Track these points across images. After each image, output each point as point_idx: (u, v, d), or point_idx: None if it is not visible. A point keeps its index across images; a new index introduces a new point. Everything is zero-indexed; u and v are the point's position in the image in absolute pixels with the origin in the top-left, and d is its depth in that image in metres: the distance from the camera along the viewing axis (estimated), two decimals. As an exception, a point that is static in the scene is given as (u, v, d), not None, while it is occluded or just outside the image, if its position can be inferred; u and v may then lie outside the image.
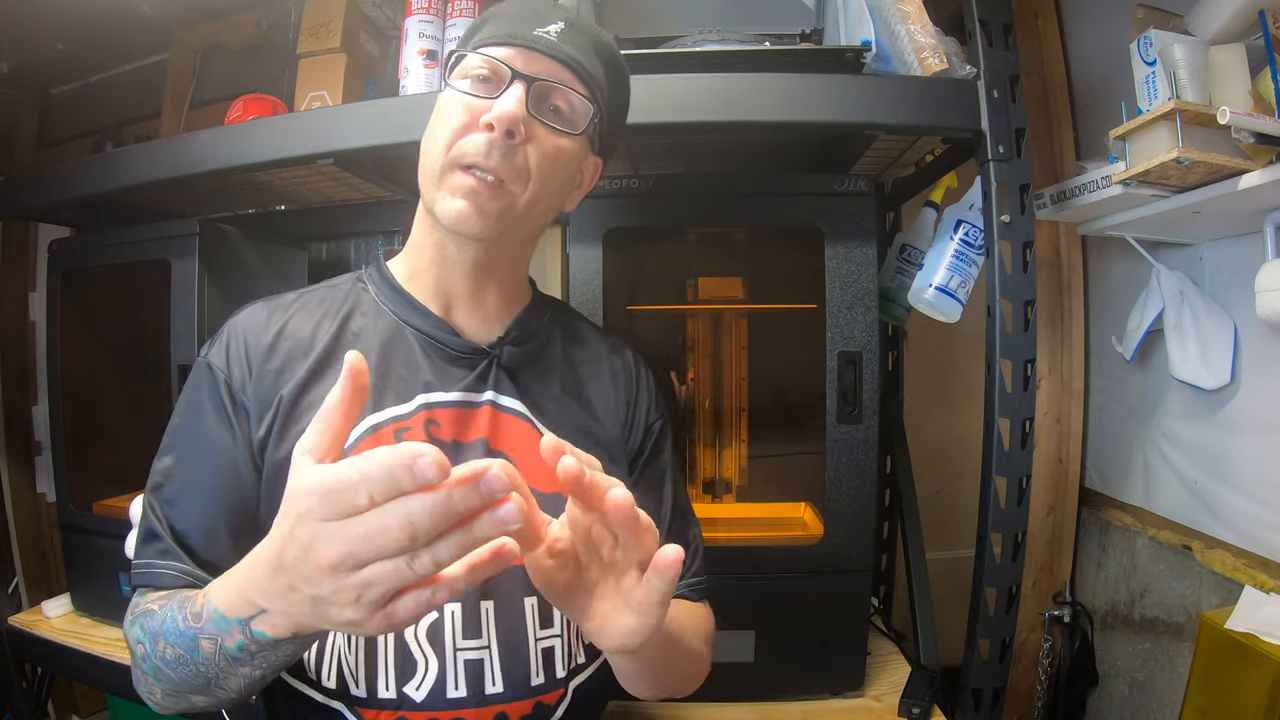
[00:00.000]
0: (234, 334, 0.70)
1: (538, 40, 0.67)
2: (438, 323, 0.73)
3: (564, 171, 0.71)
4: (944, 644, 1.19)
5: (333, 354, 0.70)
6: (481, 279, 0.74)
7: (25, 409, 1.92)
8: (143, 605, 0.62)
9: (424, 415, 0.69)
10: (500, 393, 0.73)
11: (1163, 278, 1.23)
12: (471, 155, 0.65)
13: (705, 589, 0.82)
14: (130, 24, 1.65)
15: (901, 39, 1.02)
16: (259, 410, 0.67)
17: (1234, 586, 1.14)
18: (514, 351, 0.75)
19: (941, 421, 1.65)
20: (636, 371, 0.85)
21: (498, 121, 0.64)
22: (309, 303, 0.74)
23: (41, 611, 1.41)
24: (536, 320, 0.80)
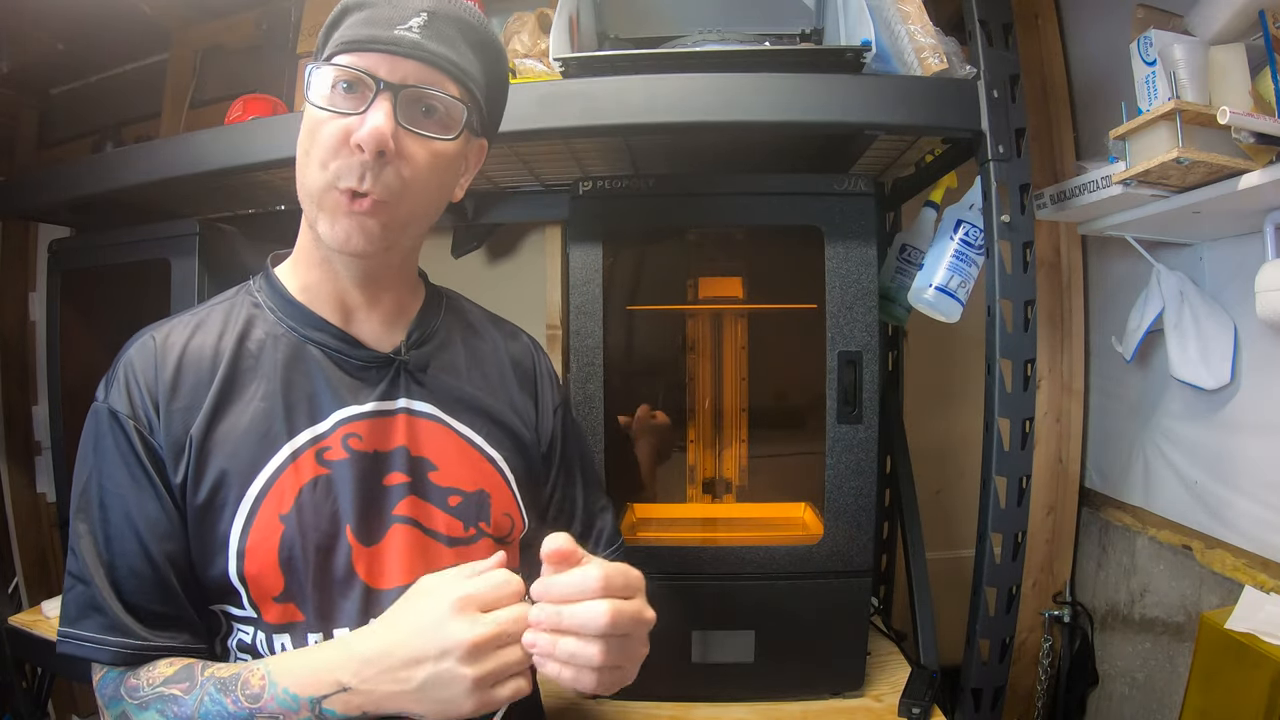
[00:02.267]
0: (131, 374, 0.66)
1: (399, 42, 0.63)
2: (339, 334, 0.71)
3: (444, 174, 0.69)
4: (944, 644, 1.19)
5: (233, 380, 0.67)
6: (375, 287, 0.73)
7: (25, 409, 1.92)
8: (148, 690, 0.61)
9: (342, 431, 0.68)
10: (412, 398, 0.73)
11: (1163, 278, 1.23)
12: (346, 180, 0.63)
13: (621, 553, 0.86)
14: (130, 24, 1.65)
15: (901, 39, 1.02)
16: (173, 454, 0.64)
17: (1234, 586, 1.14)
18: (420, 354, 0.75)
19: (941, 421, 1.65)
20: (536, 357, 0.86)
21: (366, 143, 0.61)
22: (202, 324, 0.70)
23: (41, 611, 1.41)
24: (434, 317, 0.79)
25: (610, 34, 1.26)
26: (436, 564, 0.67)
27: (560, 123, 1.00)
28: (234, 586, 0.64)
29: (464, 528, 0.72)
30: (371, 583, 0.67)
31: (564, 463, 0.85)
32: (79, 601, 0.63)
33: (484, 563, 0.61)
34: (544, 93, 1.01)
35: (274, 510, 0.65)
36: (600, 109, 1.00)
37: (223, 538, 0.64)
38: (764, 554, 1.08)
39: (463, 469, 0.73)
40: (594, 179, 1.08)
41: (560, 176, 1.44)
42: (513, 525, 0.76)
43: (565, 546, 0.57)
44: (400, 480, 0.69)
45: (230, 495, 0.64)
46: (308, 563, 0.64)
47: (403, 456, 0.70)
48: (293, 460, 0.66)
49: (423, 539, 0.69)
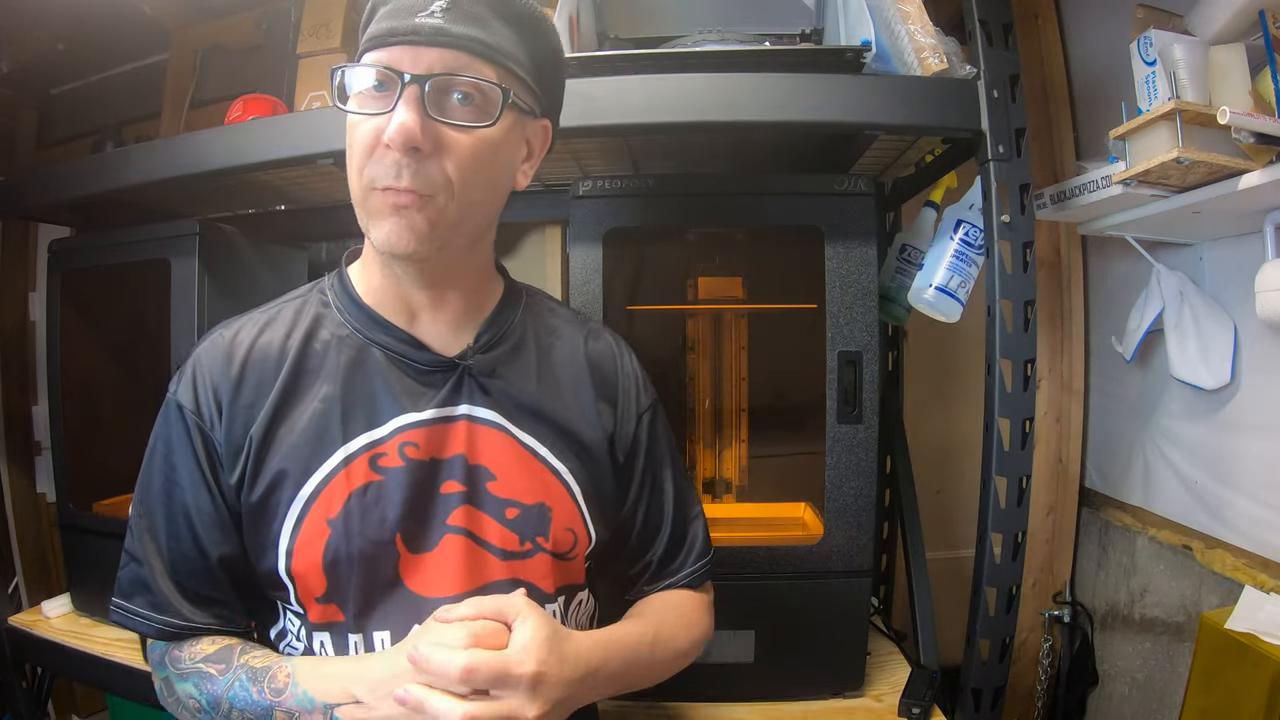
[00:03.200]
0: (199, 370, 0.68)
1: (420, 30, 0.59)
2: (404, 337, 0.70)
3: (494, 162, 0.65)
4: (944, 644, 1.19)
5: (296, 380, 0.68)
6: (439, 288, 0.70)
7: (25, 409, 1.92)
8: (188, 663, 0.65)
9: (400, 438, 0.67)
10: (475, 404, 0.70)
11: (1163, 278, 1.23)
12: (382, 179, 0.61)
13: (704, 574, 0.82)
14: (130, 24, 1.65)
15: (901, 39, 1.02)
16: (231, 454, 0.66)
17: (1234, 586, 1.14)
18: (485, 359, 0.72)
19: (941, 421, 1.65)
20: (619, 357, 0.80)
21: (394, 141, 0.59)
22: (271, 322, 0.70)
23: (41, 611, 1.41)
24: (508, 319, 0.75)
25: (610, 34, 1.26)
26: (487, 576, 0.67)
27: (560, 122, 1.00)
28: (283, 582, 0.66)
29: (519, 541, 0.69)
30: (418, 591, 0.66)
31: (649, 470, 0.79)
32: (130, 578, 0.67)
33: (504, 600, 0.61)
34: (544, 93, 1.01)
35: (322, 514, 0.65)
36: (600, 109, 1.00)
37: (273, 537, 0.65)
38: (764, 554, 1.08)
39: (523, 480, 0.70)
40: (594, 179, 1.08)
41: (560, 176, 1.44)
42: (575, 541, 0.72)
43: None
44: (456, 489, 0.68)
45: (283, 496, 0.65)
46: (352, 567, 0.64)
47: (460, 465, 0.68)
48: (345, 465, 0.66)
49: (475, 550, 0.67)
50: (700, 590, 0.82)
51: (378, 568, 0.65)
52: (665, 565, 0.80)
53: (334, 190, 1.49)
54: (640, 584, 0.81)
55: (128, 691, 1.24)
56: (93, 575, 1.36)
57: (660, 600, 0.79)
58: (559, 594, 0.72)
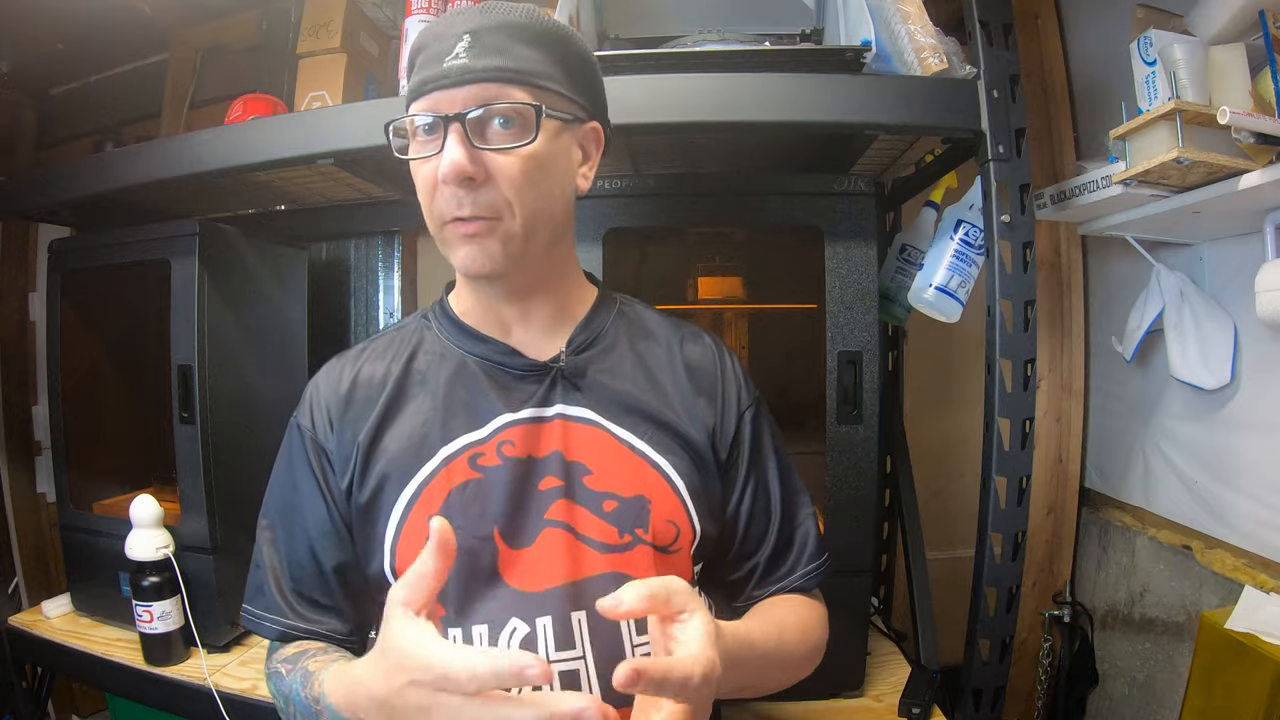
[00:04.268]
0: (315, 393, 0.75)
1: (449, 74, 0.64)
2: (498, 346, 0.74)
3: (548, 173, 0.68)
4: (944, 644, 1.19)
5: (400, 395, 0.73)
6: (525, 299, 0.74)
7: (25, 409, 1.92)
8: (274, 664, 0.71)
9: (498, 438, 0.70)
10: (568, 404, 0.72)
11: (1163, 278, 1.23)
12: (448, 212, 0.66)
13: (818, 576, 0.80)
14: (130, 24, 1.65)
15: (901, 39, 1.02)
16: (342, 462, 0.72)
17: (1234, 586, 1.14)
18: (577, 361, 0.74)
19: (941, 421, 1.65)
20: (719, 359, 0.81)
21: (446, 179, 0.64)
22: (378, 349, 0.77)
23: (41, 611, 1.41)
24: (600, 323, 0.78)
25: (610, 34, 1.26)
26: (588, 570, 0.68)
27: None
28: (390, 583, 0.66)
29: (619, 534, 0.69)
30: (517, 585, 0.67)
31: (754, 470, 0.79)
32: (253, 583, 0.74)
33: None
34: (544, 93, 1.01)
35: (424, 513, 0.68)
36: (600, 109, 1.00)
37: (379, 537, 0.69)
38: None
39: (621, 474, 0.71)
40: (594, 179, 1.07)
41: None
42: (678, 533, 0.72)
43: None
44: (553, 484, 0.70)
45: (387, 498, 0.70)
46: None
47: (557, 461, 0.70)
48: (445, 465, 0.69)
49: (574, 543, 0.68)
50: (814, 597, 0.81)
51: (476, 562, 0.67)
52: (773, 568, 0.79)
53: (334, 190, 1.49)
54: (749, 589, 0.79)
55: (128, 691, 1.24)
56: (93, 575, 1.36)
57: (777, 604, 0.77)
58: None
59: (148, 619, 1.19)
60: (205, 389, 1.21)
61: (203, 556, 1.22)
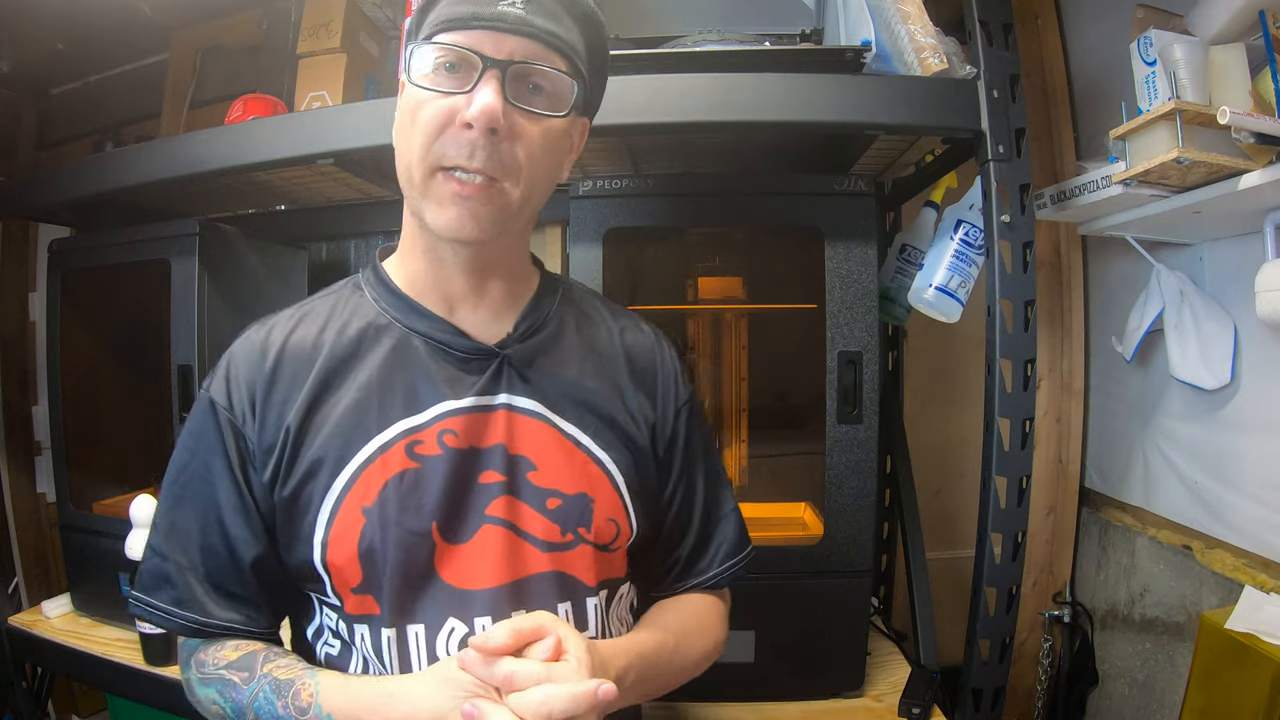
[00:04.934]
0: (233, 366, 0.68)
1: (504, 18, 0.60)
2: (443, 325, 0.69)
3: (556, 153, 0.67)
4: (944, 644, 1.19)
5: (334, 371, 0.67)
6: (482, 276, 0.70)
7: (25, 409, 1.92)
8: (210, 669, 0.65)
9: (439, 426, 0.66)
10: (514, 394, 0.69)
11: (1163, 278, 1.23)
12: (453, 158, 0.61)
13: (736, 572, 0.80)
14: (130, 24, 1.65)
15: (901, 39, 1.02)
16: (265, 449, 0.65)
17: (1234, 586, 1.14)
18: (525, 347, 0.71)
19: (941, 421, 1.65)
20: (659, 351, 0.80)
21: (477, 120, 0.59)
22: (305, 317, 0.70)
23: (41, 611, 1.41)
24: (545, 307, 0.75)
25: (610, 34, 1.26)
26: (528, 569, 0.66)
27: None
28: (319, 574, 0.65)
29: (561, 532, 0.68)
30: (455, 583, 0.64)
31: (685, 467, 0.78)
32: (153, 572, 0.67)
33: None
34: (544, 93, 1.01)
35: (358, 502, 0.64)
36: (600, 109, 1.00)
37: (309, 527, 0.65)
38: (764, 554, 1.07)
39: (565, 470, 0.69)
40: (594, 179, 1.08)
41: (560, 176, 1.44)
42: (618, 532, 0.71)
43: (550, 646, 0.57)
44: (495, 479, 0.67)
45: (319, 485, 0.65)
46: (386, 557, 0.63)
47: (500, 454, 0.67)
48: (382, 452, 0.65)
49: (515, 541, 0.66)
50: (720, 595, 0.82)
51: (413, 558, 0.64)
52: (693, 564, 0.79)
53: (334, 190, 1.49)
54: (668, 581, 0.79)
55: (127, 691, 1.24)
56: (93, 575, 1.36)
57: (679, 606, 0.78)
58: (601, 587, 0.70)
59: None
60: (205, 389, 1.21)
61: (203, 556, 1.22)
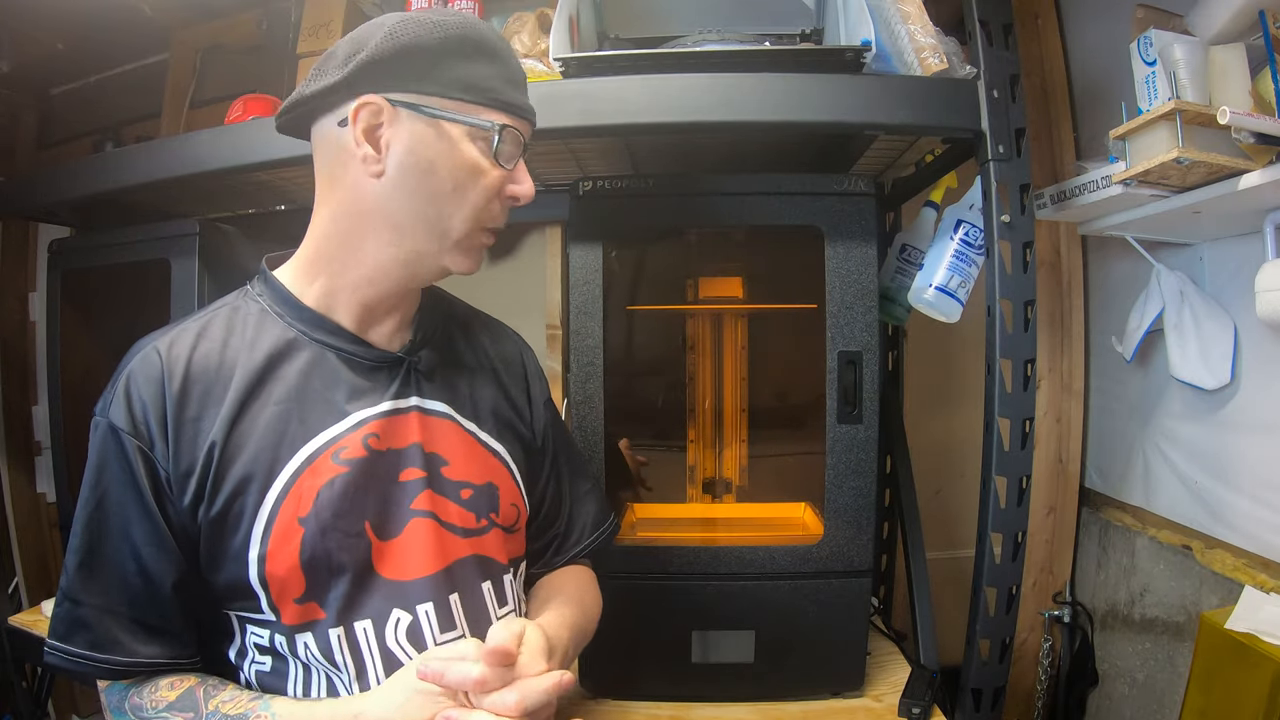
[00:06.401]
0: (134, 389, 0.65)
1: (530, 112, 0.73)
2: (350, 337, 0.72)
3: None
4: (944, 644, 1.19)
5: (249, 389, 0.67)
6: (406, 297, 0.76)
7: (25, 409, 1.92)
8: (152, 711, 0.63)
9: (361, 431, 0.69)
10: (424, 396, 0.75)
11: (1163, 278, 1.23)
12: (494, 222, 0.72)
13: (605, 540, 0.91)
14: (130, 24, 1.65)
15: (901, 39, 1.02)
16: (181, 474, 0.64)
17: (1234, 586, 1.14)
18: (427, 354, 0.77)
19: (941, 421, 1.65)
20: (524, 354, 0.90)
21: (526, 199, 0.71)
22: (204, 331, 0.69)
23: (41, 611, 1.41)
24: (435, 319, 0.81)
25: (610, 34, 1.26)
26: (453, 554, 0.71)
27: (560, 123, 1.00)
28: (252, 591, 0.64)
29: (476, 519, 0.74)
30: (393, 576, 0.68)
31: (555, 452, 0.88)
32: (66, 619, 0.64)
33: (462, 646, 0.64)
34: (544, 93, 1.00)
35: (293, 513, 0.65)
36: (600, 109, 1.00)
37: (241, 543, 0.64)
38: (764, 554, 1.08)
39: (472, 463, 0.76)
40: (594, 179, 1.08)
41: (560, 176, 1.44)
42: (519, 515, 0.80)
43: (505, 647, 0.61)
44: (416, 476, 0.71)
45: (249, 502, 0.65)
46: (329, 562, 0.65)
47: (417, 453, 0.72)
48: (310, 463, 0.67)
49: (439, 531, 0.71)
50: (587, 565, 0.92)
51: (352, 558, 0.66)
52: (567, 538, 0.89)
53: (334, 190, 1.49)
54: (548, 555, 0.88)
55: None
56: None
57: (570, 578, 0.87)
58: (511, 565, 0.78)
59: (148, 619, 1.19)
60: (205, 389, 1.20)
61: (203, 556, 1.22)
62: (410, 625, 0.67)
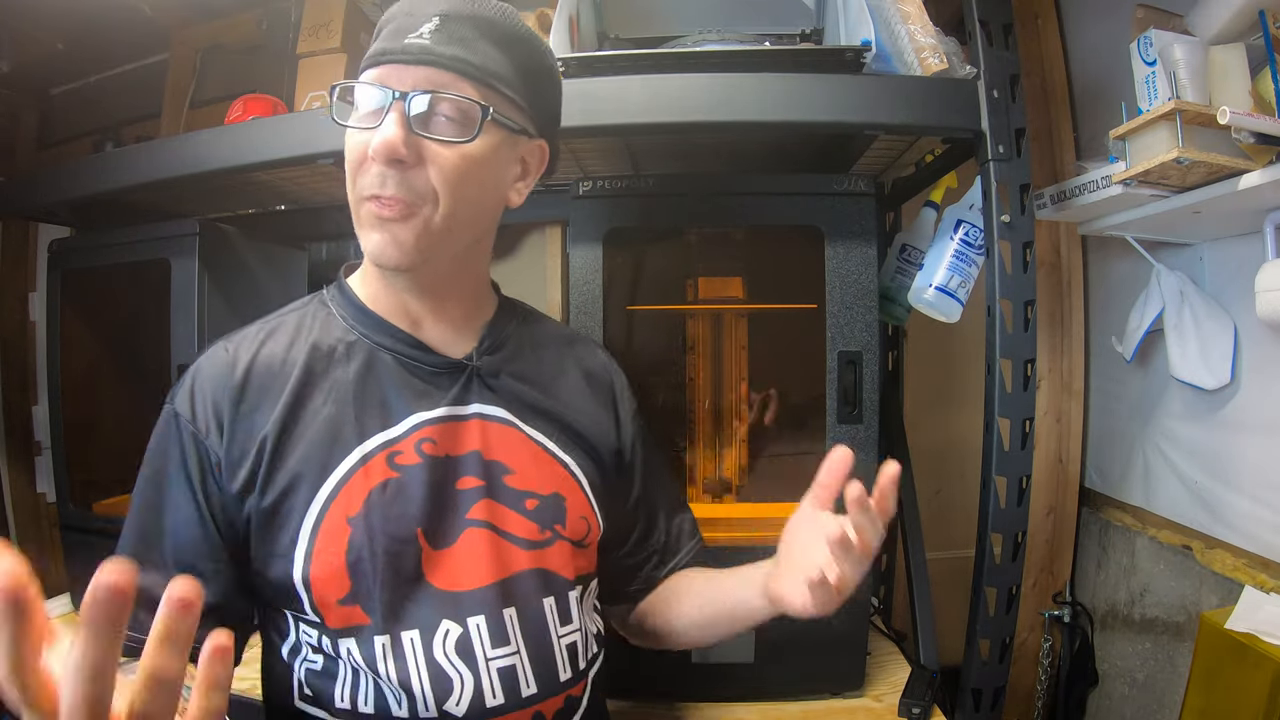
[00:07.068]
0: (199, 380, 0.68)
1: (408, 50, 0.63)
2: (411, 340, 0.72)
3: (480, 176, 0.67)
4: (944, 644, 1.19)
5: (306, 387, 0.68)
6: (438, 296, 0.73)
7: (25, 409, 1.92)
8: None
9: (415, 435, 0.68)
10: (485, 403, 0.73)
11: (1163, 278, 1.23)
12: (371, 188, 0.63)
13: (696, 555, 0.89)
14: (130, 24, 1.65)
15: (901, 39, 1.02)
16: (236, 459, 0.65)
17: (1234, 586, 1.14)
18: (490, 361, 0.75)
19: (941, 421, 1.65)
20: (612, 371, 0.87)
21: (376, 153, 0.62)
22: (274, 332, 0.72)
23: (41, 611, 1.41)
24: (505, 327, 0.79)
25: (610, 34, 1.26)
26: (512, 567, 0.69)
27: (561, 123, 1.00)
28: (296, 591, 0.64)
29: (540, 530, 0.72)
30: (445, 586, 0.67)
31: (646, 468, 0.86)
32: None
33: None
34: (544, 93, 1.01)
35: (342, 513, 0.65)
36: (600, 109, 1.00)
37: (289, 542, 0.65)
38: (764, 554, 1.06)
39: (538, 473, 0.73)
40: (594, 179, 1.08)
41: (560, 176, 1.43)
42: (589, 529, 0.76)
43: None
44: (474, 484, 0.70)
45: (299, 500, 0.65)
46: (375, 565, 0.64)
47: (476, 460, 0.70)
48: (363, 463, 0.67)
49: (497, 541, 0.69)
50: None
51: (401, 564, 0.65)
52: (668, 549, 0.87)
53: (334, 190, 1.49)
54: (647, 570, 0.86)
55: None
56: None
57: (696, 578, 0.85)
58: (578, 582, 0.74)
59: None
60: (205, 389, 1.20)
61: (203, 556, 1.22)
62: (460, 638, 0.65)
